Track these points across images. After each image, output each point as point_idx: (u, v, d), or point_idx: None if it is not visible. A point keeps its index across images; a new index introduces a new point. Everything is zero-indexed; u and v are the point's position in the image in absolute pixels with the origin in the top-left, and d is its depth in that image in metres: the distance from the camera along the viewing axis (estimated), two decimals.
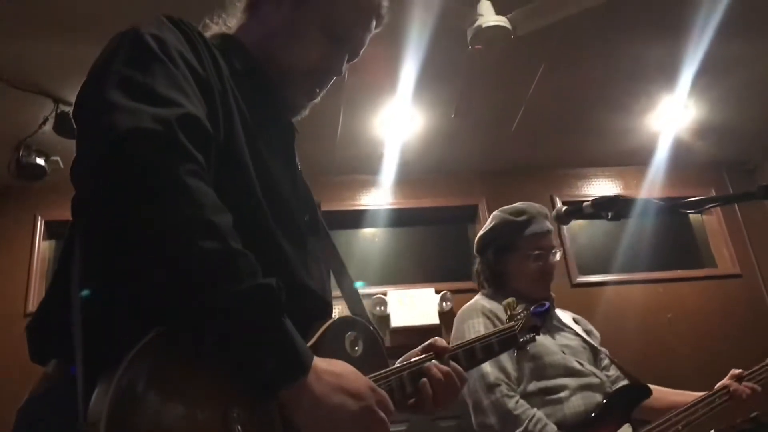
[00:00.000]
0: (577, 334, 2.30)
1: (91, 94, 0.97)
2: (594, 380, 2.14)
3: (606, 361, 2.32)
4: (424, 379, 1.19)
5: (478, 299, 2.32)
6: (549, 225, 2.32)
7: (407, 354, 1.28)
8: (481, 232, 2.40)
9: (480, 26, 3.05)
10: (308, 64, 1.28)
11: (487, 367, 2.05)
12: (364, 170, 5.21)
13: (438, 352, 1.25)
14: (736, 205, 5.37)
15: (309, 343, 1.01)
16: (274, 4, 1.29)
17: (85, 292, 0.90)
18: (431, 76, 4.08)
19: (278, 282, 0.91)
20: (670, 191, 5.51)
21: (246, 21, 1.32)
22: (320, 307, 1.16)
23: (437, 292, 4.91)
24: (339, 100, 4.31)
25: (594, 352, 2.29)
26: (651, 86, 4.59)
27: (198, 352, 0.86)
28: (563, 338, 2.25)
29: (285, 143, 1.26)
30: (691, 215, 5.49)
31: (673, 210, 1.82)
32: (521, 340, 1.53)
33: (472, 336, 2.10)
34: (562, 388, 2.09)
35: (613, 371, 2.30)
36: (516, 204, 2.36)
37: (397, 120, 4.65)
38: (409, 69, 3.99)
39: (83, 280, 0.91)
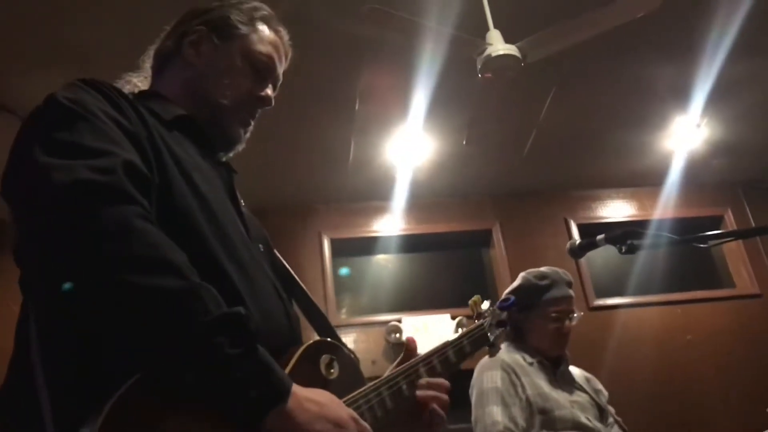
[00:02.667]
0: (587, 392, 2.43)
1: (19, 164, 0.97)
2: None
3: (611, 420, 2.42)
4: (419, 395, 1.21)
5: (500, 352, 2.39)
6: (570, 291, 2.49)
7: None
8: (507, 290, 2.54)
9: (489, 55, 3.04)
10: (240, 94, 1.33)
11: (498, 415, 2.20)
12: (377, 197, 5.22)
13: (411, 356, 1.27)
14: (753, 225, 5.32)
15: (286, 370, 1.01)
16: (194, 48, 1.34)
17: (48, 363, 0.89)
18: (442, 103, 4.09)
19: (246, 310, 0.92)
20: (686, 211, 5.47)
21: (163, 73, 1.37)
22: (287, 335, 1.16)
23: (453, 317, 4.86)
24: (350, 127, 4.32)
25: (601, 410, 2.40)
26: (663, 107, 4.58)
27: (177, 392, 0.86)
28: (574, 395, 2.38)
29: (224, 182, 1.27)
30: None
31: (688, 242, 1.80)
32: (491, 337, 1.50)
33: (489, 387, 2.27)
34: None
35: (616, 429, 2.41)
36: (542, 268, 2.53)
37: (409, 146, 4.66)
38: (420, 97, 4.00)
39: (44, 349, 0.91)
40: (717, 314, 5.17)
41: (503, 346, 2.46)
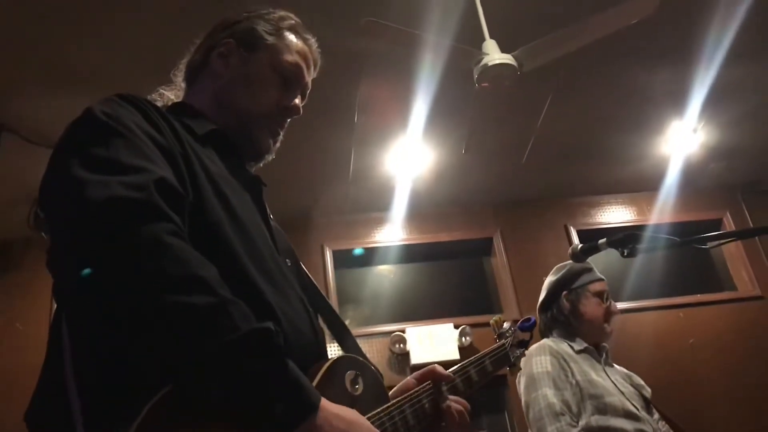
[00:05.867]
0: (630, 385, 2.44)
1: (57, 178, 0.99)
2: (647, 428, 2.26)
3: (657, 415, 2.42)
4: (442, 419, 1.23)
5: (546, 341, 2.50)
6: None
7: (402, 384, 1.29)
8: (551, 279, 2.62)
9: (486, 65, 3.07)
10: (269, 104, 1.35)
11: (553, 397, 2.24)
12: (378, 207, 5.24)
13: (435, 382, 1.28)
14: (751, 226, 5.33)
15: (312, 384, 1.01)
16: (222, 61, 1.36)
17: (80, 372, 0.91)
18: (440, 113, 4.12)
19: (275, 325, 0.92)
20: (685, 215, 5.50)
21: (193, 85, 1.39)
22: (313, 350, 1.16)
23: (456, 326, 4.88)
24: (350, 139, 4.35)
25: (647, 402, 2.41)
26: (660, 112, 4.61)
27: (205, 406, 0.87)
28: (620, 384, 2.39)
29: (254, 196, 1.28)
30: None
31: (688, 244, 1.81)
32: (513, 357, 1.54)
33: (540, 371, 2.30)
34: (621, 431, 2.21)
35: (663, 426, 2.40)
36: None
37: (409, 157, 4.68)
38: (419, 107, 4.03)
39: (77, 361, 0.92)
40: (719, 317, 5.19)
41: (548, 339, 2.53)
